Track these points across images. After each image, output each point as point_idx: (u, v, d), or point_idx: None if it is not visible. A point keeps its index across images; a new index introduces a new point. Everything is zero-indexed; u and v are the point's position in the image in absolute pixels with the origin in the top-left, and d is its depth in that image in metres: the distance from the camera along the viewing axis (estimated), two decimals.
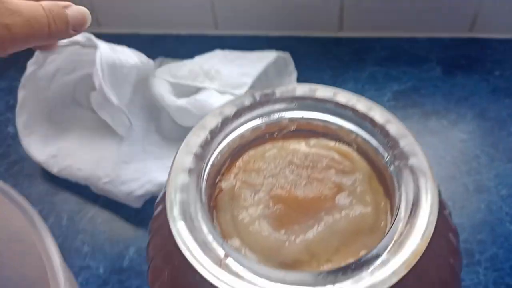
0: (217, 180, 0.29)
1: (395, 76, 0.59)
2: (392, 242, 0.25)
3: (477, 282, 0.43)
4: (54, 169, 0.50)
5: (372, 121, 0.29)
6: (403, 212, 0.26)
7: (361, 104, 0.29)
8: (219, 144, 0.28)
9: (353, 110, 0.29)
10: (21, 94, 0.51)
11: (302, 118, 0.30)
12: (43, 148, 0.51)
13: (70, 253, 0.48)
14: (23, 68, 0.51)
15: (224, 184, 0.29)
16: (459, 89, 0.58)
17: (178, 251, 0.25)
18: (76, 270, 0.47)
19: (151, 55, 0.53)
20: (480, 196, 0.49)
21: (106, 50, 0.47)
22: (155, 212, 0.31)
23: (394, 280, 0.23)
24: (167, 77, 0.53)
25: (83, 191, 0.51)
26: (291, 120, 0.30)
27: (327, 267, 0.26)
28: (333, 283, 0.23)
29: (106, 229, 0.49)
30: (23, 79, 0.51)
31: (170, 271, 0.28)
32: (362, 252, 0.27)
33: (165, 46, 0.64)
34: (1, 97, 0.61)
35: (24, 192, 0.53)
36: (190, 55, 0.56)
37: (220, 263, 0.24)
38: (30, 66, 0.51)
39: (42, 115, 0.52)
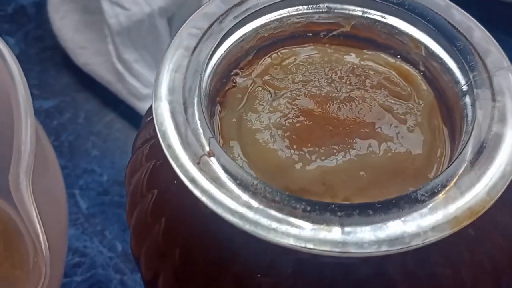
0: (232, 72, 0.23)
1: None
2: (444, 189, 0.18)
3: None
4: (81, 59, 0.46)
5: (463, 36, 0.21)
6: (468, 155, 0.18)
7: (456, 12, 0.22)
8: (239, 24, 0.22)
9: (441, 18, 0.22)
10: None
11: (362, 16, 0.23)
12: (73, 35, 0.46)
13: (78, 153, 0.44)
14: None
15: (239, 79, 0.23)
16: None
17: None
18: (79, 172, 0.43)
19: None
20: None
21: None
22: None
23: (431, 238, 0.16)
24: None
25: (106, 93, 0.46)
26: (346, 17, 0.23)
27: None
28: (343, 224, 0.16)
29: (121, 137, 0.45)
30: None
31: (150, 166, 0.22)
32: None
33: None
34: None
35: (48, 81, 0.50)
36: None
37: (198, 160, 0.17)
38: None
39: (76, 1, 0.47)
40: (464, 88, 0.21)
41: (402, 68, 0.23)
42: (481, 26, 0.23)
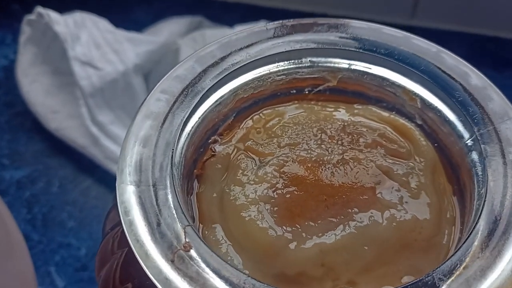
0: (210, 139, 0.20)
1: None
2: (460, 268, 0.15)
3: None
4: (52, 124, 0.43)
5: (460, 85, 0.19)
6: (483, 226, 0.16)
7: (448, 58, 0.20)
8: (215, 86, 0.20)
9: (435, 67, 0.20)
10: (24, 35, 0.45)
11: (349, 69, 0.21)
12: (43, 99, 0.44)
13: (53, 226, 0.41)
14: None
15: (218, 147, 0.20)
16: None
17: None
18: (55, 247, 0.39)
19: None
20: None
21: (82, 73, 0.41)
22: None
23: None
24: (199, 47, 0.45)
25: (81, 158, 0.43)
26: (332, 71, 0.21)
27: None
28: None
29: (99, 205, 0.42)
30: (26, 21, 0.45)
31: (123, 255, 0.19)
32: (407, 278, 0.17)
33: None
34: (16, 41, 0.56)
35: (19, 149, 0.47)
36: None
37: (173, 256, 0.15)
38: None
39: (47, 63, 0.45)
40: (469, 142, 0.19)
41: (397, 122, 0.21)
42: (477, 70, 0.21)
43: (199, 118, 0.20)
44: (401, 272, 0.17)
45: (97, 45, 0.43)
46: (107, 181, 0.42)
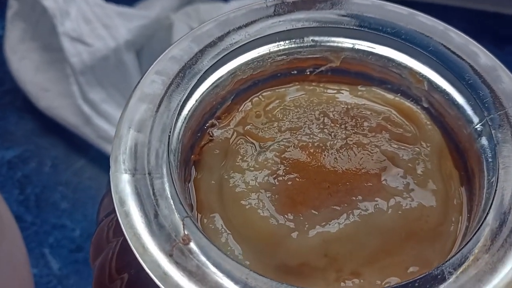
0: (207, 123, 0.19)
1: None
2: (469, 261, 0.14)
3: None
4: (43, 103, 0.42)
5: (470, 67, 0.18)
6: (493, 217, 0.15)
7: (456, 36, 0.19)
8: (213, 67, 0.19)
9: (443, 47, 0.19)
10: (11, 10, 0.43)
11: (353, 49, 0.20)
12: (33, 76, 0.43)
13: (46, 207, 0.40)
14: None
15: (216, 131, 0.19)
16: None
17: None
18: (49, 229, 0.39)
19: None
20: None
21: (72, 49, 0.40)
22: None
23: None
24: (193, 22, 0.44)
25: (74, 138, 0.42)
26: (335, 50, 0.20)
27: (351, 284, 0.16)
28: None
29: (92, 186, 0.41)
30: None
31: (118, 244, 0.18)
32: (412, 269, 0.17)
33: None
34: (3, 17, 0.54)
35: (9, 128, 0.46)
36: None
37: (171, 250, 0.14)
38: None
39: (36, 39, 0.44)
40: (479, 127, 0.18)
41: (402, 105, 0.20)
42: (485, 50, 0.20)
43: (196, 101, 0.19)
44: (407, 262, 0.17)
45: (86, 20, 0.42)
46: (101, 161, 0.41)
